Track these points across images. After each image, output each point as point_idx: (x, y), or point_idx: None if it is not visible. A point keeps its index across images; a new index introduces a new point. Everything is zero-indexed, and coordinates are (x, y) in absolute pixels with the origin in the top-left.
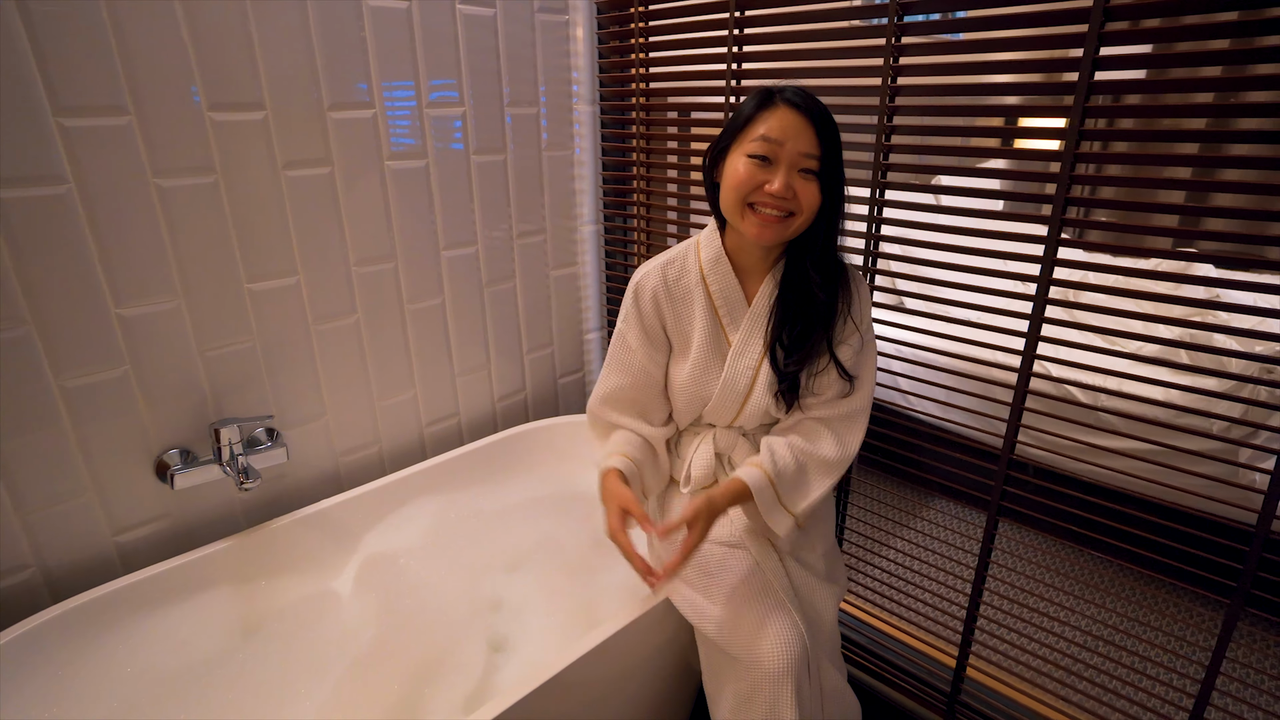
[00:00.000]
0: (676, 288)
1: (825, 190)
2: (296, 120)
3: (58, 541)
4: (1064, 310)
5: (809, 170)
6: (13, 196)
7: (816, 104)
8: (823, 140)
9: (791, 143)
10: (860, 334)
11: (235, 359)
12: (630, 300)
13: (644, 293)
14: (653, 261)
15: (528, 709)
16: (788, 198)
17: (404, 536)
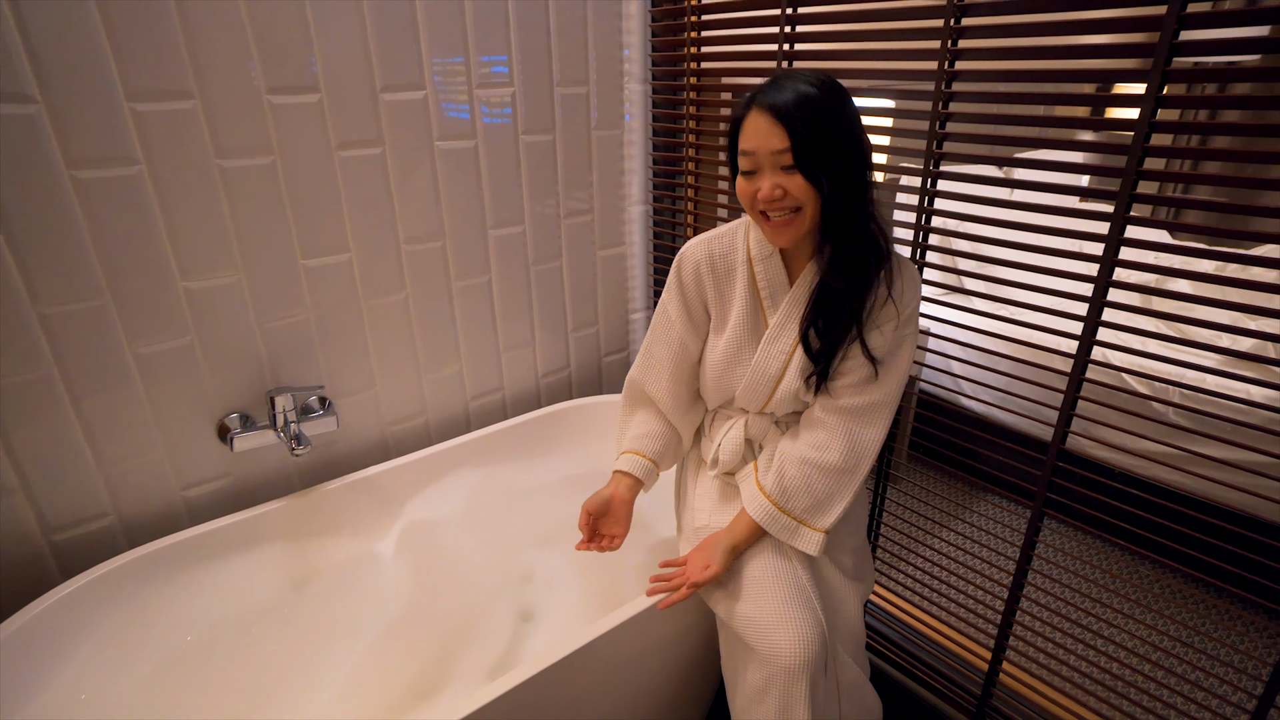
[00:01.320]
0: (721, 264)
1: (812, 179)
2: (350, 102)
3: (132, 493)
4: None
5: (788, 166)
6: (91, 176)
7: (786, 96)
8: (791, 133)
9: (763, 146)
10: (898, 321)
11: (290, 331)
12: (673, 273)
13: (686, 265)
14: (700, 237)
15: (552, 679)
16: (779, 197)
17: (445, 505)
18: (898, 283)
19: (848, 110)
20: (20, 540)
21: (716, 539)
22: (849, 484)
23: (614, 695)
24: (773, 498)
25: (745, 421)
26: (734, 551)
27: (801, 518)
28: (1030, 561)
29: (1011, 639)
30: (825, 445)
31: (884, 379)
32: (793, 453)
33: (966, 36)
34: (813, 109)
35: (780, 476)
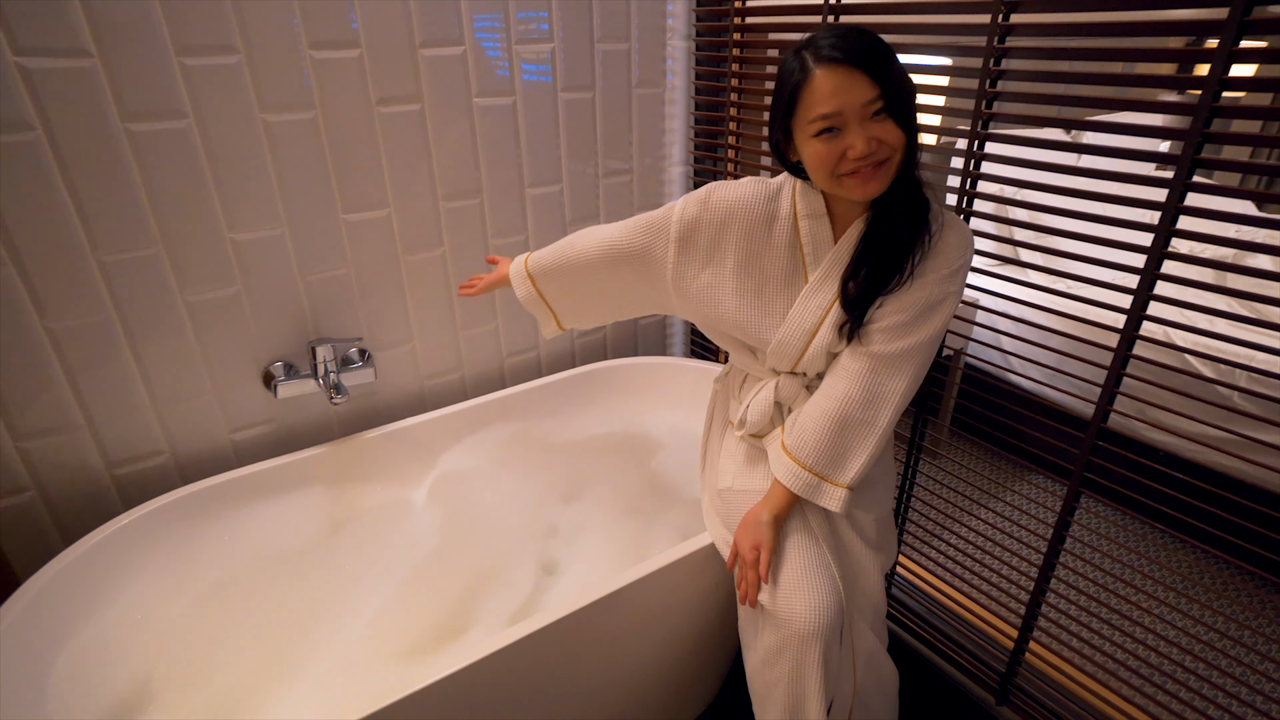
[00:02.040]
0: (764, 211)
1: (903, 123)
2: (389, 57)
3: (186, 433)
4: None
5: (879, 112)
6: (144, 130)
7: (852, 40)
8: (877, 78)
9: (850, 100)
10: (941, 276)
11: (331, 284)
12: (702, 193)
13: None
14: (748, 180)
15: (569, 628)
16: (874, 151)
17: (476, 458)
18: (948, 234)
19: (897, 57)
20: (86, 473)
21: (756, 513)
22: (868, 435)
23: (633, 650)
24: (792, 453)
25: (776, 383)
26: (777, 521)
27: (821, 472)
28: (1063, 541)
29: (1041, 619)
30: (844, 394)
31: (916, 330)
32: (812, 404)
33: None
34: (886, 53)
35: (800, 430)
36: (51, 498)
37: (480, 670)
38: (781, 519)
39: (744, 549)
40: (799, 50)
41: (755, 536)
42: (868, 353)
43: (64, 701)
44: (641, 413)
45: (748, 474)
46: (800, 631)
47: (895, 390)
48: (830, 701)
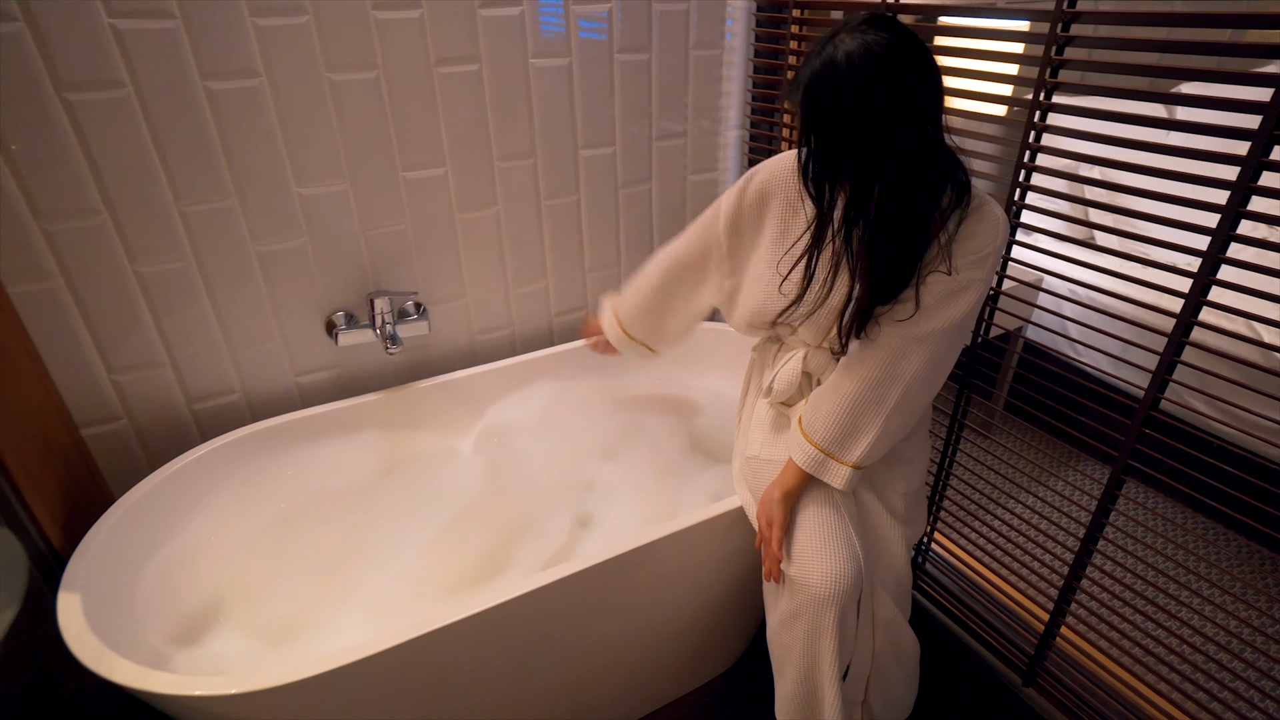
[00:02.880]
0: (797, 182)
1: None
2: (449, 17)
3: (256, 375)
4: None
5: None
6: (221, 87)
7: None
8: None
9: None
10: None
11: (390, 239)
12: (741, 182)
13: (757, 175)
14: (779, 156)
15: (600, 575)
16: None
17: (522, 412)
18: (978, 220)
19: (885, 84)
20: (169, 406)
21: (769, 491)
22: (876, 415)
23: (660, 602)
24: (805, 430)
25: (805, 354)
26: (788, 498)
27: (829, 450)
28: (1103, 527)
29: (1074, 604)
30: (858, 373)
31: (936, 314)
32: (828, 382)
33: None
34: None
35: (813, 408)
36: (140, 426)
37: (515, 609)
38: (793, 495)
39: (761, 526)
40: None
41: (768, 513)
42: (886, 333)
43: (149, 607)
44: (683, 376)
45: (773, 442)
46: (816, 596)
47: (908, 372)
48: (846, 667)
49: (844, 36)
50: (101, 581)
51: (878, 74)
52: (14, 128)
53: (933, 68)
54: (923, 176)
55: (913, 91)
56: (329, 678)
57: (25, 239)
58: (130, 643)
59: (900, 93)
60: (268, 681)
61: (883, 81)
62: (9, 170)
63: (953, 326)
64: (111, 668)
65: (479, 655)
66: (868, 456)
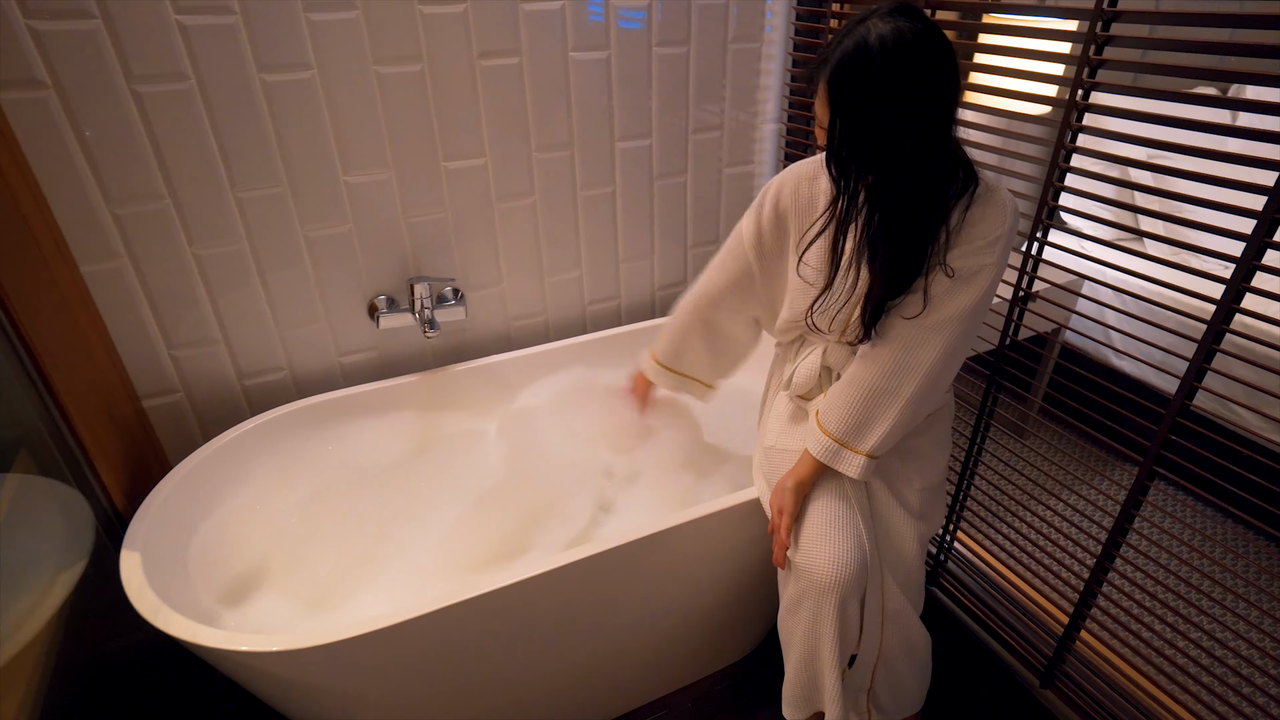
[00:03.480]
0: (806, 191)
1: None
2: (492, 12)
3: (302, 354)
4: None
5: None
6: (276, 80)
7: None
8: (832, 127)
9: (821, 119)
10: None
11: (431, 226)
12: (759, 197)
13: (770, 191)
14: (791, 167)
15: (618, 557)
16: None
17: (551, 397)
18: (984, 205)
19: (913, 70)
20: (222, 381)
21: (783, 480)
22: (891, 404)
23: (678, 587)
24: (820, 420)
25: (825, 349)
26: (800, 488)
27: (843, 439)
28: (1125, 533)
29: (1096, 607)
30: (870, 364)
31: (948, 302)
32: (845, 375)
33: None
34: (857, 80)
35: (829, 399)
36: (195, 399)
37: (534, 587)
38: (805, 485)
39: (773, 514)
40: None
41: (779, 501)
42: (900, 323)
43: (200, 568)
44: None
45: (789, 433)
46: (818, 583)
47: (923, 361)
48: (852, 656)
49: (875, 21)
50: (159, 542)
51: (909, 59)
52: (89, 116)
53: (954, 59)
54: (940, 163)
55: (939, 80)
56: (359, 641)
57: (96, 221)
58: (183, 600)
59: (928, 80)
60: (304, 642)
61: (914, 67)
62: (84, 156)
63: (965, 314)
64: (167, 621)
65: (499, 630)
66: (881, 445)
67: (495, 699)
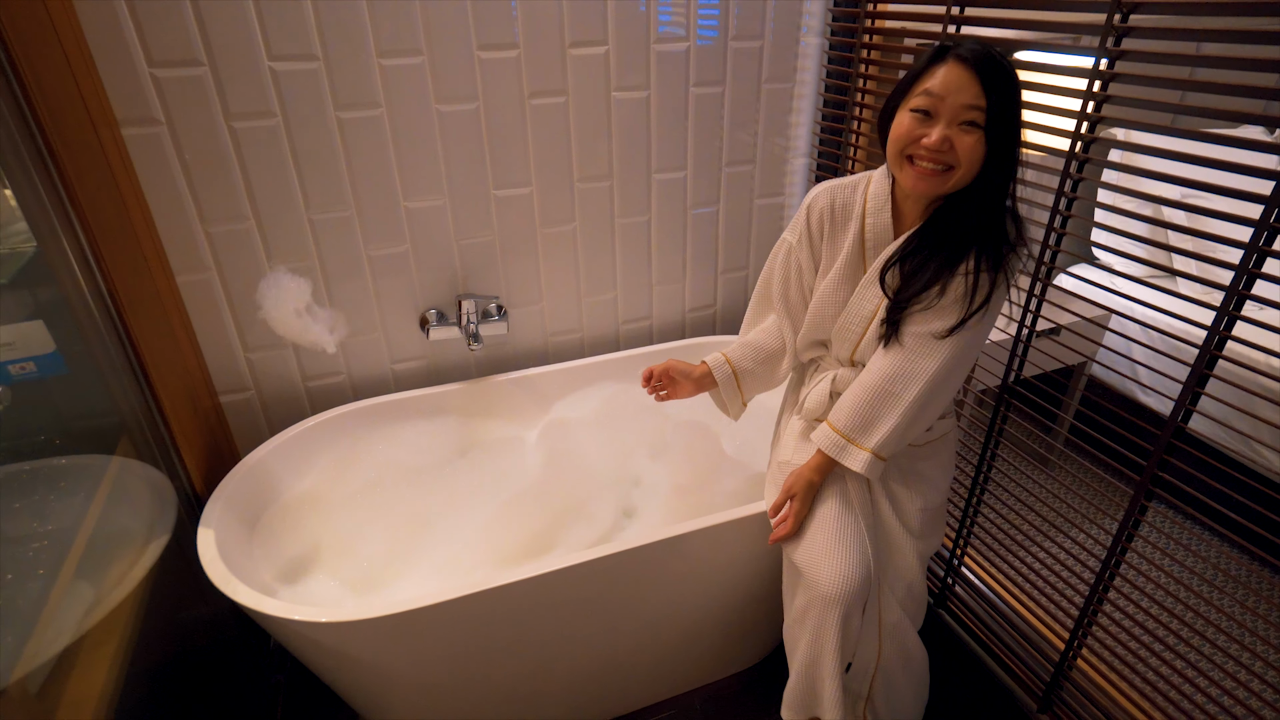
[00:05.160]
0: (840, 212)
1: (991, 145)
2: (543, 57)
3: (359, 359)
4: None
5: (971, 123)
6: (350, 117)
7: (990, 58)
8: (990, 93)
9: (954, 96)
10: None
11: (479, 248)
12: (801, 211)
13: (814, 207)
14: (826, 183)
15: (636, 558)
16: (944, 150)
17: (584, 409)
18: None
19: (1021, 97)
20: (288, 382)
21: (806, 471)
22: (894, 407)
23: (691, 590)
24: (829, 419)
25: (835, 375)
26: (812, 488)
27: (848, 434)
28: (1124, 552)
29: (1095, 630)
30: (879, 367)
31: (950, 318)
32: (854, 380)
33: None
34: (1009, 81)
35: (839, 401)
36: (264, 397)
37: (558, 580)
38: (816, 480)
39: (781, 493)
40: (946, 45)
41: (795, 485)
42: (905, 332)
43: (263, 549)
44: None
45: (802, 449)
46: (824, 595)
47: (926, 369)
48: (849, 664)
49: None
50: (229, 523)
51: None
52: (192, 149)
53: None
54: (1005, 199)
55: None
56: (397, 619)
57: (192, 238)
58: (247, 575)
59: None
60: (349, 615)
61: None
62: (186, 183)
63: (967, 330)
64: (235, 591)
65: (523, 619)
66: (885, 444)
67: (516, 685)
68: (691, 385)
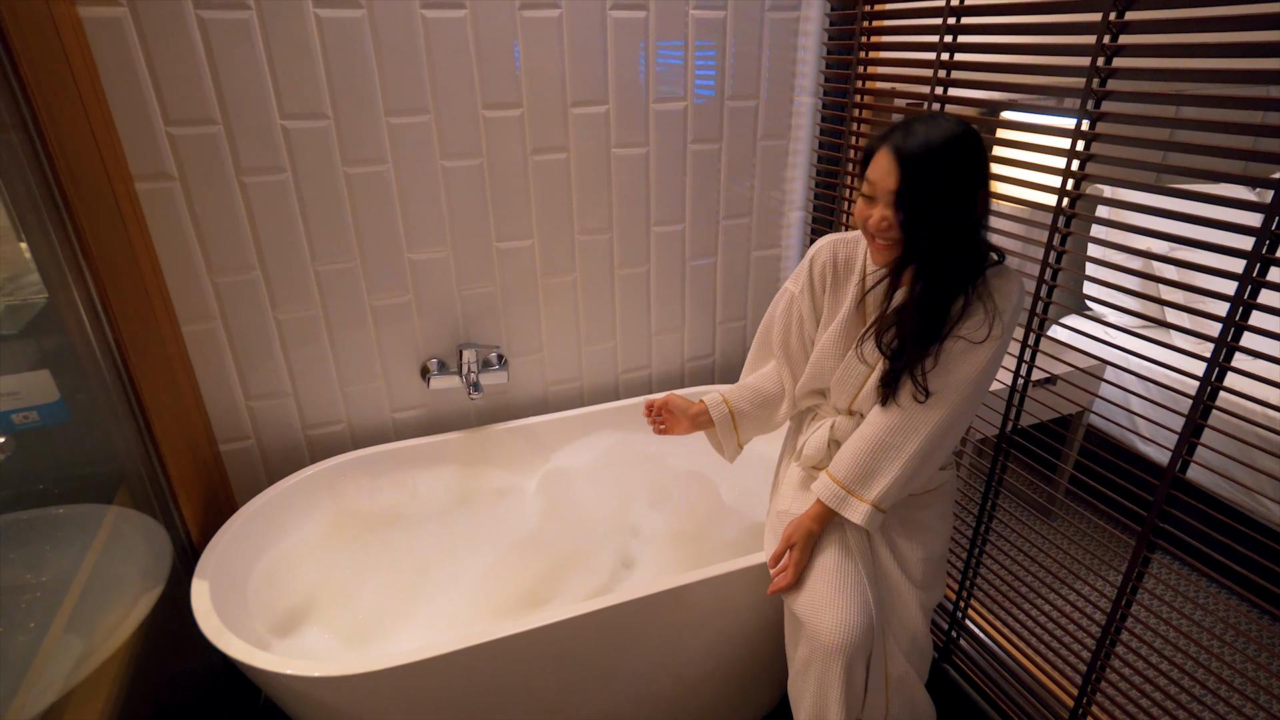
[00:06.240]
0: (843, 266)
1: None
2: (545, 115)
3: (360, 409)
4: None
5: (897, 204)
6: (358, 172)
7: (913, 143)
8: (905, 176)
9: (882, 182)
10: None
11: (481, 298)
12: (805, 261)
13: (817, 259)
14: (830, 237)
15: (635, 610)
16: (885, 228)
17: (583, 458)
18: (991, 280)
19: (968, 163)
20: (288, 430)
21: (806, 521)
22: (895, 459)
23: (691, 642)
24: (829, 470)
25: (834, 423)
26: (812, 537)
27: (849, 485)
28: (1130, 605)
29: (1105, 684)
30: (880, 420)
31: (953, 368)
32: (855, 431)
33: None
34: (932, 161)
35: (839, 452)
36: (264, 446)
37: (556, 632)
38: (815, 529)
39: (781, 542)
40: (880, 136)
41: (794, 534)
42: (909, 386)
43: (257, 599)
44: None
45: (802, 499)
46: (826, 645)
47: (927, 421)
48: (856, 719)
49: (932, 120)
50: (225, 574)
51: (970, 146)
52: (203, 203)
53: (986, 156)
54: (978, 241)
55: (985, 168)
56: (392, 673)
57: (199, 288)
58: (240, 627)
59: (978, 174)
60: (343, 670)
61: (970, 162)
62: (196, 235)
63: (969, 381)
64: (228, 644)
65: (521, 671)
66: (885, 497)
67: None
68: (688, 423)
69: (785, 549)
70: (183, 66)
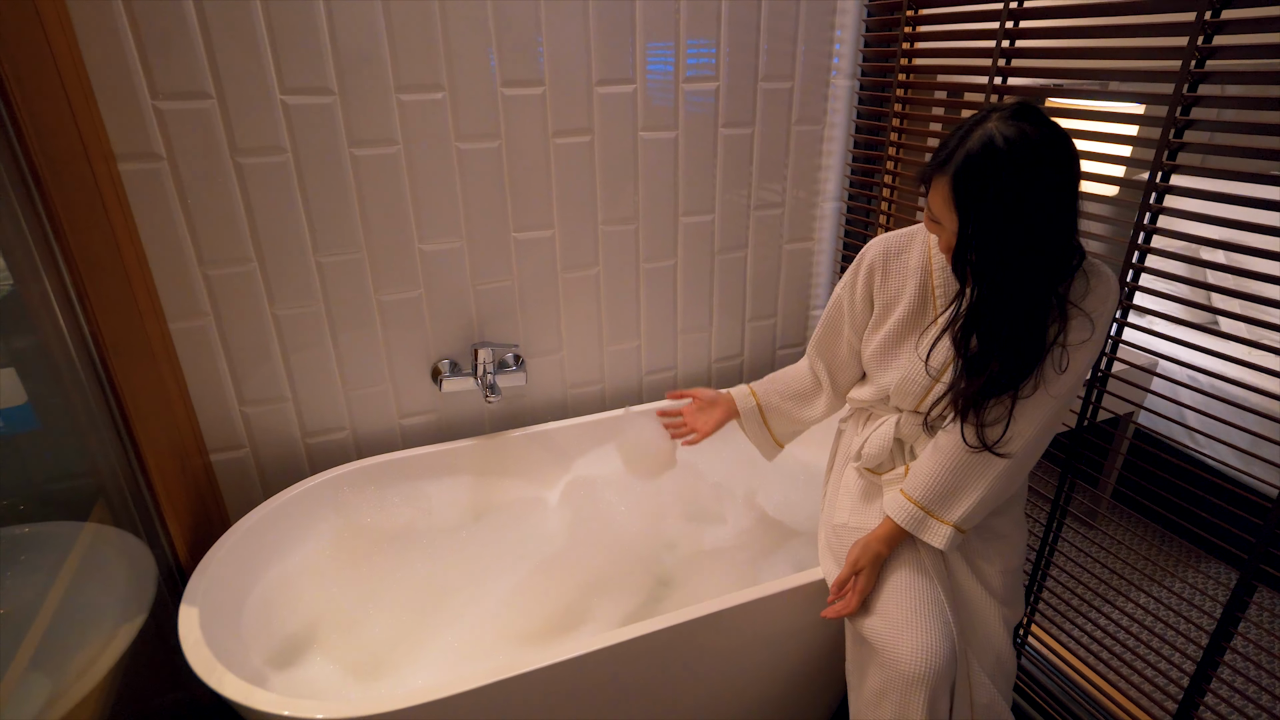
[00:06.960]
0: (895, 262)
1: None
2: (568, 94)
3: (365, 415)
4: None
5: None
6: (364, 154)
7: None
8: (965, 220)
9: (945, 219)
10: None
11: (497, 294)
12: (856, 262)
13: (864, 260)
14: (882, 236)
15: (675, 636)
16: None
17: (608, 467)
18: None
19: (1048, 178)
20: (286, 439)
21: (869, 539)
22: (980, 476)
23: (736, 671)
24: (904, 489)
25: (898, 420)
26: (878, 556)
27: (928, 507)
28: (1230, 637)
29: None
30: (958, 431)
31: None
32: (931, 444)
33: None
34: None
35: (915, 469)
36: (259, 456)
37: (589, 664)
38: (884, 552)
39: (846, 566)
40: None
41: (861, 557)
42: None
43: (254, 628)
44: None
45: (863, 511)
46: (906, 673)
47: (1020, 433)
48: None
49: (998, 122)
50: (216, 599)
51: (1037, 159)
52: (194, 186)
53: (1077, 160)
54: (1061, 259)
55: (1063, 181)
56: (408, 714)
57: (188, 281)
58: (234, 659)
59: (1054, 181)
60: (352, 711)
61: (1042, 167)
62: (185, 222)
63: (1063, 388)
64: (221, 681)
65: (551, 708)
66: (969, 518)
67: None
68: (719, 413)
69: (851, 574)
70: (172, 32)
